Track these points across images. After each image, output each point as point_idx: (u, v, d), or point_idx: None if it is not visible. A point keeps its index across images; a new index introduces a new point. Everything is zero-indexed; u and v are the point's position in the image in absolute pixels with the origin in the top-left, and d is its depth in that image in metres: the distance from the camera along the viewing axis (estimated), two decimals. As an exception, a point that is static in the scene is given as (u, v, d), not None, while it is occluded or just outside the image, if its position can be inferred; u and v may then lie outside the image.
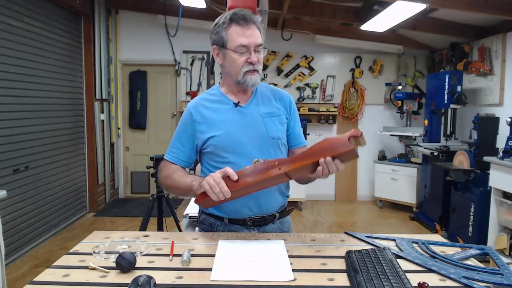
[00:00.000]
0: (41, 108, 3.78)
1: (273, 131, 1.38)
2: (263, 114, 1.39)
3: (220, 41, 1.34)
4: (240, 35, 1.29)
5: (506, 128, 3.30)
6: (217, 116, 1.37)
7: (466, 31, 4.44)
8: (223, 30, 1.32)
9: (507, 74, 3.99)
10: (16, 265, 3.25)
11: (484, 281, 0.96)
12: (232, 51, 1.31)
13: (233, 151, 1.33)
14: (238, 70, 1.32)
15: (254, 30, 1.31)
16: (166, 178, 1.39)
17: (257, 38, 1.31)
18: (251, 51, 1.30)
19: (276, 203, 1.42)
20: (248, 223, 1.36)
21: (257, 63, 1.32)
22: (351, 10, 4.51)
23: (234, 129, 1.35)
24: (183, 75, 5.48)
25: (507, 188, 3.10)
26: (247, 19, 1.30)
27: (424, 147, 4.45)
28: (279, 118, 1.41)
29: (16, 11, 3.37)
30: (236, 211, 1.36)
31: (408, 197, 4.98)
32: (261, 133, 1.36)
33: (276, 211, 1.42)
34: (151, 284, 0.91)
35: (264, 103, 1.42)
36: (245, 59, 1.31)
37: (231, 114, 1.38)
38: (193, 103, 1.43)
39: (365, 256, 1.05)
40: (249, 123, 1.37)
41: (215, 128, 1.36)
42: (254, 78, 1.33)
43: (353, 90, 5.56)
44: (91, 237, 1.28)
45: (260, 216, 1.37)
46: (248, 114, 1.38)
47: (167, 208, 2.74)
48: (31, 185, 3.61)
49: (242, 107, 1.39)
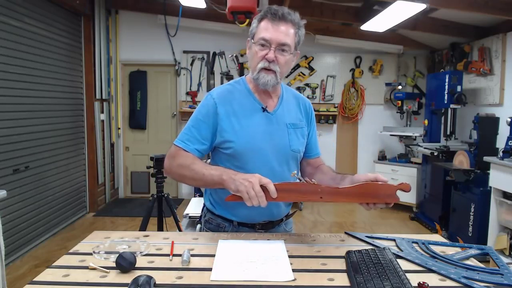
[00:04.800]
0: (41, 108, 3.78)
1: (295, 144, 1.36)
2: (288, 124, 1.36)
3: (251, 33, 1.31)
4: (267, 30, 1.25)
5: (506, 128, 3.30)
6: (243, 116, 1.31)
7: (466, 31, 4.44)
8: (256, 22, 1.30)
9: (507, 74, 3.99)
10: (16, 265, 3.25)
11: (484, 281, 0.96)
12: (255, 44, 1.28)
13: (253, 158, 1.29)
14: (255, 64, 1.28)
15: (283, 28, 1.25)
16: (183, 168, 1.27)
17: (282, 36, 1.24)
18: (271, 47, 1.25)
19: (285, 209, 1.45)
20: (257, 227, 1.38)
21: (275, 62, 1.25)
22: (351, 10, 4.51)
23: (258, 135, 1.30)
24: (183, 75, 5.48)
25: (507, 188, 3.10)
26: (278, 15, 1.24)
27: (424, 147, 4.45)
28: (302, 131, 1.39)
29: (16, 11, 3.37)
30: (248, 216, 1.36)
31: (408, 197, 4.97)
32: (284, 144, 1.33)
33: (283, 216, 1.45)
34: (151, 284, 0.90)
35: (290, 111, 1.39)
36: (264, 54, 1.26)
37: (258, 118, 1.32)
38: (218, 93, 1.34)
39: (365, 256, 1.05)
40: (274, 132, 1.33)
41: (239, 129, 1.29)
42: (267, 78, 1.27)
43: (353, 90, 5.56)
44: (91, 237, 1.28)
45: (268, 221, 1.39)
46: (274, 122, 1.34)
47: (167, 208, 2.74)
48: (31, 185, 3.61)
49: (270, 114, 1.34)
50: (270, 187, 1.09)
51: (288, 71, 1.37)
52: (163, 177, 2.74)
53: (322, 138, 5.62)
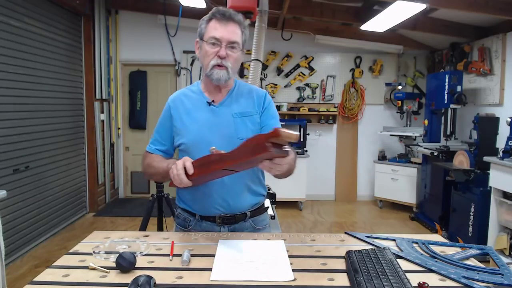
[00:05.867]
0: (41, 108, 3.78)
1: (243, 132, 1.37)
2: (234, 114, 1.39)
3: (200, 34, 1.39)
4: (216, 29, 1.33)
5: (506, 128, 3.30)
6: (191, 113, 1.42)
7: (466, 31, 4.44)
8: (204, 23, 1.38)
9: (507, 74, 3.99)
10: (16, 265, 3.25)
11: (484, 281, 0.96)
12: (205, 43, 1.35)
13: (202, 150, 1.28)
14: (208, 62, 1.35)
15: (231, 27, 1.34)
16: (148, 167, 1.44)
17: (231, 35, 1.33)
18: (222, 45, 1.32)
19: (245, 202, 1.42)
20: (218, 220, 1.39)
21: (227, 58, 1.33)
22: (351, 10, 4.51)
23: (204, 128, 1.38)
24: (183, 75, 5.48)
25: (507, 188, 3.10)
26: (226, 16, 1.34)
27: (424, 147, 4.45)
28: (251, 119, 1.41)
29: (16, 11, 3.37)
30: (206, 209, 1.40)
31: (408, 197, 4.98)
32: (230, 134, 1.36)
33: (247, 210, 1.42)
34: (151, 284, 0.91)
35: (238, 102, 1.43)
36: (215, 51, 1.33)
37: (204, 113, 1.40)
38: (173, 97, 1.49)
39: (365, 256, 1.05)
40: (220, 122, 1.38)
41: (188, 126, 1.40)
42: (220, 73, 1.33)
43: (353, 90, 5.56)
44: (91, 237, 1.28)
45: (230, 215, 1.39)
46: (220, 114, 1.39)
47: (167, 208, 2.74)
48: (31, 185, 3.61)
49: (215, 106, 1.40)
50: (186, 164, 1.17)
51: (238, 67, 1.43)
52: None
53: (322, 138, 5.62)
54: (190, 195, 1.43)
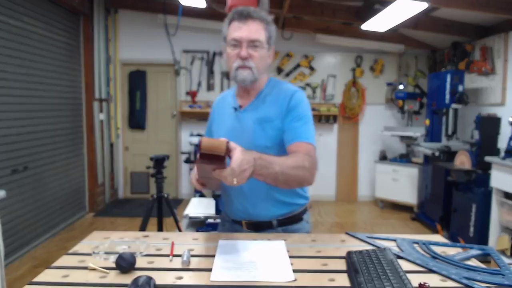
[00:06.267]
0: (40, 108, 3.77)
1: (261, 139, 1.31)
2: (255, 120, 1.34)
3: (223, 37, 1.37)
4: (235, 30, 1.30)
5: (507, 128, 3.30)
6: (222, 118, 1.44)
7: (468, 31, 4.43)
8: (225, 26, 1.35)
9: (509, 74, 3.98)
10: (15, 266, 3.25)
11: (485, 281, 0.95)
12: (228, 46, 1.33)
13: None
14: (231, 64, 1.32)
15: (250, 25, 1.29)
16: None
17: (251, 33, 1.28)
18: (243, 46, 1.28)
19: (267, 211, 1.36)
20: (244, 225, 1.40)
21: (249, 59, 1.29)
22: (352, 9, 4.50)
23: (228, 135, 1.31)
24: (183, 74, 5.47)
25: (509, 188, 3.09)
26: (244, 14, 1.29)
27: (425, 147, 4.44)
28: (272, 125, 1.32)
29: (15, 10, 3.37)
30: (233, 213, 1.42)
31: (409, 197, 4.97)
32: (249, 141, 1.30)
33: (273, 219, 1.37)
34: (151, 285, 0.90)
35: (263, 106, 1.36)
36: (236, 53, 1.30)
37: (230, 119, 1.40)
38: (217, 99, 1.54)
39: (366, 257, 1.04)
40: (242, 129, 1.36)
41: (217, 131, 1.43)
42: (244, 73, 1.30)
43: (354, 90, 5.55)
44: (91, 237, 1.28)
45: (253, 221, 1.38)
46: (243, 120, 1.37)
47: (167, 208, 2.73)
48: (30, 185, 3.60)
49: (240, 112, 1.38)
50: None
51: (266, 66, 1.36)
52: (162, 177, 2.74)
53: (322, 138, 5.62)
54: (224, 198, 1.47)
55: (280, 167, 1.11)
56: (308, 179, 1.22)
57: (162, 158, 2.70)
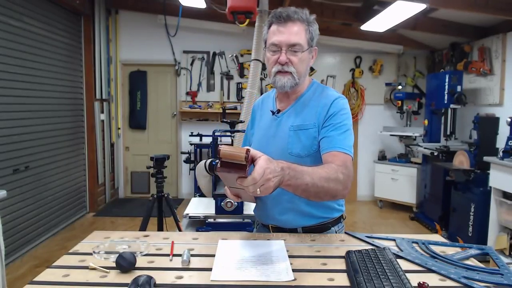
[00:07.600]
0: (41, 108, 3.78)
1: (295, 147, 1.27)
2: (291, 126, 1.30)
3: (264, 41, 1.32)
4: (275, 34, 1.25)
5: (506, 128, 3.30)
6: (260, 120, 1.42)
7: (466, 31, 4.44)
8: (266, 29, 1.30)
9: (507, 74, 3.99)
10: (16, 265, 3.25)
11: (484, 281, 0.95)
12: (267, 50, 1.29)
13: None
14: (270, 69, 1.29)
15: (291, 27, 1.23)
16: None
17: (290, 37, 1.22)
18: (282, 50, 1.24)
19: (293, 220, 1.33)
20: (272, 229, 1.38)
21: (289, 64, 1.24)
22: (351, 10, 4.51)
23: (264, 139, 1.35)
24: (183, 75, 5.47)
25: (507, 188, 3.09)
26: (283, 16, 1.24)
27: (424, 147, 4.45)
28: (306, 132, 1.27)
29: (15, 11, 3.37)
30: (262, 217, 1.42)
31: (408, 197, 4.98)
32: (283, 148, 1.28)
33: (299, 227, 1.34)
34: (151, 284, 0.90)
35: (301, 111, 1.31)
36: (276, 58, 1.25)
37: (267, 122, 1.38)
38: (258, 100, 1.51)
39: (365, 256, 1.05)
40: (277, 134, 1.32)
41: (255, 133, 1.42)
42: (283, 80, 1.25)
43: (353, 90, 5.56)
44: (91, 237, 1.28)
45: (280, 227, 1.36)
46: (279, 125, 1.33)
47: (167, 208, 2.73)
48: (31, 185, 3.60)
49: (277, 116, 1.35)
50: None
51: (307, 69, 1.31)
52: (163, 177, 2.74)
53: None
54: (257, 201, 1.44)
55: (311, 178, 1.04)
56: (342, 193, 1.16)
57: (162, 158, 2.69)
